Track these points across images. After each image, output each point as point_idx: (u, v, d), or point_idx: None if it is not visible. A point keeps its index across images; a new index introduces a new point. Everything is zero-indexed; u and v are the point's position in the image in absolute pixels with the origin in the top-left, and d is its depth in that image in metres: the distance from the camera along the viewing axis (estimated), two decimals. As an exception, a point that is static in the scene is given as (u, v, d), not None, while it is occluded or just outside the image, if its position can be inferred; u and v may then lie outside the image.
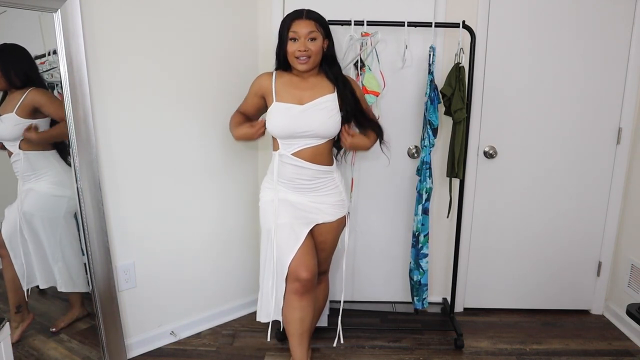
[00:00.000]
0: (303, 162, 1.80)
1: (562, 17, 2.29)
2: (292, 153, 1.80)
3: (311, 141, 1.80)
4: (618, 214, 2.49)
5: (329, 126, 1.79)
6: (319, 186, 1.86)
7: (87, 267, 1.93)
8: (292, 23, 1.75)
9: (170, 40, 2.05)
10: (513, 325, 2.52)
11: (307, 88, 1.82)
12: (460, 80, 2.11)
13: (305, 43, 1.74)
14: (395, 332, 2.41)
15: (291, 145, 1.80)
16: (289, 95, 1.81)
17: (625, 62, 2.33)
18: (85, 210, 1.87)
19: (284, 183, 1.85)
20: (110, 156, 1.97)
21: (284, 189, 1.86)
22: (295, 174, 1.83)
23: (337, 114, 1.80)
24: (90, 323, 2.02)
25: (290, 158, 1.81)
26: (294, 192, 1.86)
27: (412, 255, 2.31)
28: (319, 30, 1.76)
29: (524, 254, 2.58)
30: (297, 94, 1.81)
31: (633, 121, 2.39)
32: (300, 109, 1.78)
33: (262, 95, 1.89)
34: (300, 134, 1.78)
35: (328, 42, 1.83)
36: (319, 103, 1.79)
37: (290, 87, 1.83)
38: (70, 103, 1.78)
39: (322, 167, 1.84)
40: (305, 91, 1.82)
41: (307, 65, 1.77)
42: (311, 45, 1.75)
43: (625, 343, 2.36)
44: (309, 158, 1.81)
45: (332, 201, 1.90)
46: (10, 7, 1.64)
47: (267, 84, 1.86)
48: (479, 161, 2.48)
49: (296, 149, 1.80)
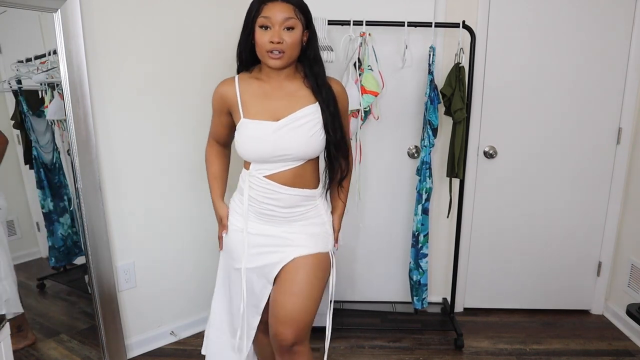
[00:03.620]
0: (279, 186, 1.40)
1: (562, 17, 2.29)
2: (266, 175, 1.40)
3: (291, 163, 1.40)
4: (618, 214, 2.49)
5: (312, 146, 1.40)
6: (295, 216, 1.45)
7: (87, 267, 1.93)
8: (262, 6, 1.34)
9: (171, 40, 2.05)
10: (513, 325, 2.52)
11: (281, 97, 1.41)
12: (460, 80, 2.11)
13: (280, 33, 1.32)
14: (395, 332, 2.41)
15: (264, 168, 1.41)
16: (259, 108, 1.40)
17: (625, 62, 2.33)
18: (85, 210, 1.87)
19: (253, 207, 1.45)
20: (110, 156, 1.97)
21: (252, 215, 1.46)
22: (267, 199, 1.42)
23: (321, 130, 1.40)
24: (90, 323, 2.02)
25: (262, 181, 1.41)
26: (260, 221, 1.46)
27: (412, 255, 2.31)
28: (299, 17, 1.35)
29: (524, 253, 2.58)
30: (270, 107, 1.39)
31: (633, 121, 2.38)
32: (274, 126, 1.37)
33: (227, 111, 1.47)
34: (276, 158, 1.39)
35: (309, 35, 1.40)
36: (297, 118, 1.38)
37: (261, 97, 1.41)
38: (70, 103, 1.78)
39: (304, 192, 1.43)
40: (279, 102, 1.40)
41: (280, 61, 1.34)
42: (287, 36, 1.33)
43: (625, 343, 2.36)
44: (288, 182, 1.41)
45: (313, 232, 1.47)
46: (10, 7, 1.65)
47: (230, 95, 1.43)
48: (479, 161, 2.48)
49: (271, 171, 1.40)
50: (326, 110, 1.39)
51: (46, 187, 1.96)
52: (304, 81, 1.43)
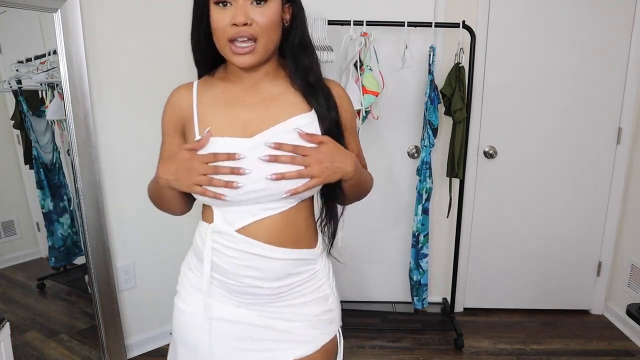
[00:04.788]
0: (262, 246, 0.91)
1: (562, 17, 2.29)
2: (239, 229, 0.92)
3: (274, 205, 0.91)
4: (618, 214, 2.49)
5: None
6: (286, 292, 0.96)
7: (87, 267, 1.93)
8: None
9: (171, 40, 2.05)
10: (513, 325, 2.52)
11: (256, 103, 0.94)
12: (460, 80, 2.11)
13: (246, 8, 0.86)
14: (395, 332, 2.41)
15: (235, 216, 0.92)
16: (223, 121, 0.93)
17: (625, 62, 2.33)
18: (85, 210, 1.87)
19: (220, 281, 0.95)
20: (110, 156, 1.97)
21: (219, 293, 0.97)
22: (244, 269, 0.92)
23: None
24: (90, 323, 2.02)
25: (233, 239, 0.92)
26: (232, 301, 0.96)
27: (412, 255, 2.31)
28: None
29: (524, 253, 2.58)
30: (240, 118, 0.93)
31: (633, 121, 2.38)
32: (245, 146, 0.89)
33: (182, 131, 0.99)
34: (250, 198, 0.89)
35: (293, 10, 0.94)
36: (281, 132, 0.90)
37: (225, 104, 0.95)
38: (70, 103, 1.78)
39: (299, 253, 0.95)
40: (253, 110, 0.93)
41: (251, 55, 0.88)
42: (257, 14, 0.86)
43: (625, 343, 2.36)
44: (273, 238, 0.92)
45: (314, 313, 0.99)
46: (10, 7, 1.65)
47: (184, 106, 0.98)
48: (479, 161, 2.48)
49: (245, 221, 0.91)
50: (326, 118, 0.93)
51: (46, 187, 1.96)
52: (288, 78, 0.97)
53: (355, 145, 1.04)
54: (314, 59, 0.96)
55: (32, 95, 1.87)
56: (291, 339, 0.97)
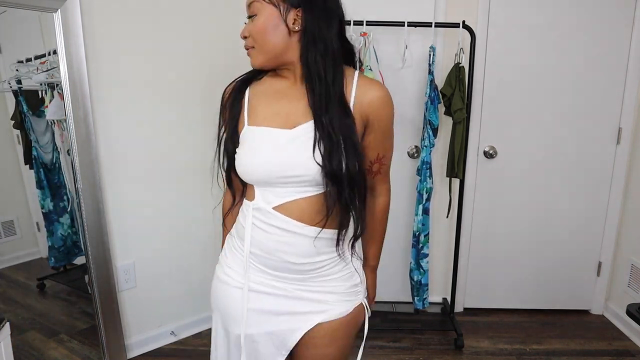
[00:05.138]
0: (293, 222, 1.01)
1: (562, 17, 2.29)
2: (275, 207, 1.02)
3: (308, 189, 1.01)
4: (618, 214, 2.49)
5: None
6: (315, 270, 1.07)
7: (87, 267, 1.93)
8: None
9: (171, 40, 2.05)
10: (513, 325, 2.52)
11: (300, 97, 1.02)
12: (460, 80, 2.11)
13: (247, 26, 1.03)
14: (395, 332, 2.41)
15: (273, 195, 1.03)
16: (266, 111, 1.04)
17: (625, 62, 2.33)
18: (85, 210, 1.87)
19: (257, 255, 1.07)
20: (110, 156, 1.97)
21: (256, 267, 1.08)
22: (278, 244, 1.03)
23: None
24: (90, 323, 2.02)
25: (271, 215, 1.02)
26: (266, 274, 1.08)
27: (412, 255, 2.31)
28: None
29: (524, 253, 2.58)
30: (282, 109, 1.03)
31: (633, 121, 2.38)
32: (288, 135, 1.00)
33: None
34: (288, 179, 1.00)
35: (303, 13, 0.99)
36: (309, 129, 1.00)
37: (270, 96, 1.06)
38: (70, 103, 1.78)
39: (326, 233, 1.04)
40: (292, 103, 1.03)
41: (252, 59, 1.05)
42: (250, 27, 1.02)
43: (625, 343, 2.36)
44: (304, 216, 1.02)
45: (343, 288, 1.11)
46: (10, 7, 1.65)
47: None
48: (479, 161, 2.48)
49: (282, 200, 1.02)
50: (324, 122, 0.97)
51: (46, 187, 1.96)
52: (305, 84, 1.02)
53: (382, 147, 1.08)
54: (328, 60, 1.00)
55: (32, 95, 1.88)
56: (320, 308, 1.08)
